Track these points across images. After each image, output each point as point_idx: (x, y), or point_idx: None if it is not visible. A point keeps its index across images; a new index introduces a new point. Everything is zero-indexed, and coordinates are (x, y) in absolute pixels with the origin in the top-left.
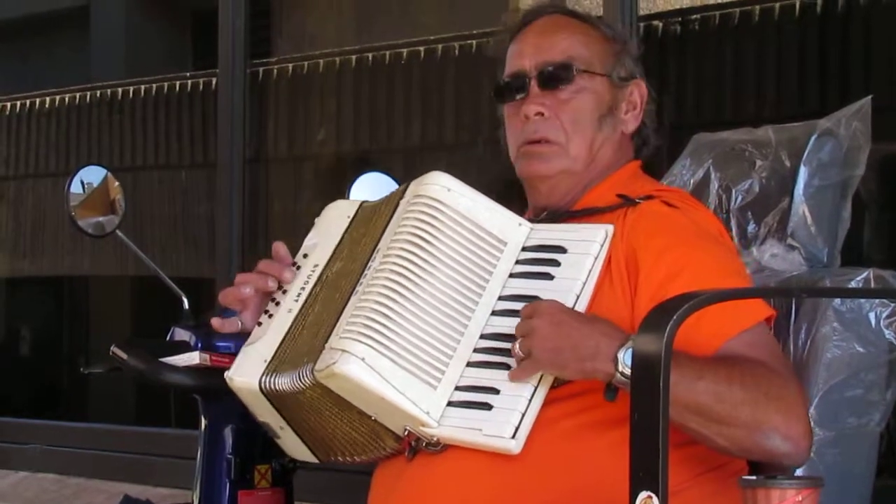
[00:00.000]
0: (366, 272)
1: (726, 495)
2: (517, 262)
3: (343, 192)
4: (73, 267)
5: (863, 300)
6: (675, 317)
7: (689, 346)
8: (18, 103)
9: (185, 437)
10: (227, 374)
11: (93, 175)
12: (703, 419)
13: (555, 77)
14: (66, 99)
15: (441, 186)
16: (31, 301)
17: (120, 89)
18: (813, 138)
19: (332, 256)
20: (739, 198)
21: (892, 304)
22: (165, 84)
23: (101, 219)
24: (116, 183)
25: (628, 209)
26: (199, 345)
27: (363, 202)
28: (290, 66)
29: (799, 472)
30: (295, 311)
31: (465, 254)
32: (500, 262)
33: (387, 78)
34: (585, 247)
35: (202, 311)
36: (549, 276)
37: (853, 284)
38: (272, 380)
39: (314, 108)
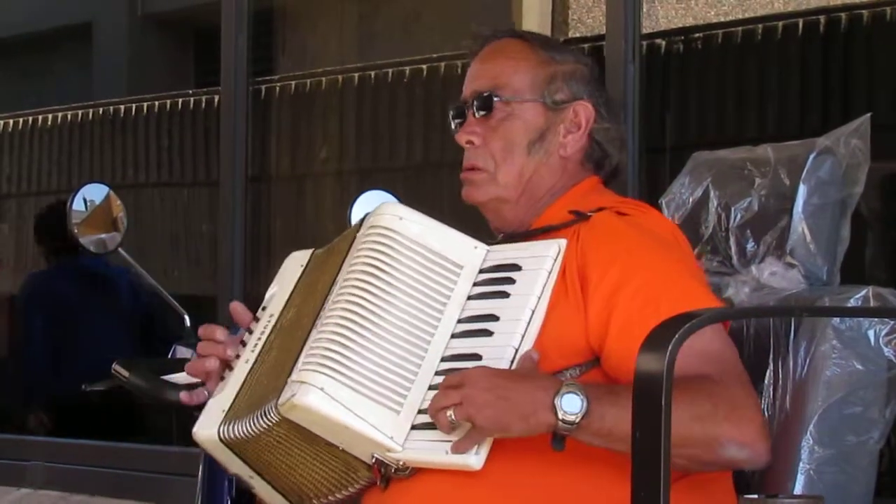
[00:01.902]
0: (325, 307)
1: (704, 497)
2: (475, 284)
3: (345, 211)
4: None
5: (862, 318)
6: (676, 336)
7: None
8: (21, 120)
9: (188, 454)
10: (193, 432)
11: (95, 193)
12: None
13: (482, 105)
14: (69, 116)
15: (392, 215)
16: None
17: (122, 106)
18: (812, 156)
19: (286, 304)
20: (739, 216)
21: (891, 322)
22: (168, 101)
23: (103, 236)
24: (118, 201)
25: (581, 224)
26: None
27: (315, 250)
28: (293, 83)
29: (798, 491)
30: (251, 361)
31: (421, 279)
32: (457, 286)
33: (389, 96)
34: (538, 262)
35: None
36: (505, 294)
37: (852, 302)
38: (231, 428)
39: (317, 125)
